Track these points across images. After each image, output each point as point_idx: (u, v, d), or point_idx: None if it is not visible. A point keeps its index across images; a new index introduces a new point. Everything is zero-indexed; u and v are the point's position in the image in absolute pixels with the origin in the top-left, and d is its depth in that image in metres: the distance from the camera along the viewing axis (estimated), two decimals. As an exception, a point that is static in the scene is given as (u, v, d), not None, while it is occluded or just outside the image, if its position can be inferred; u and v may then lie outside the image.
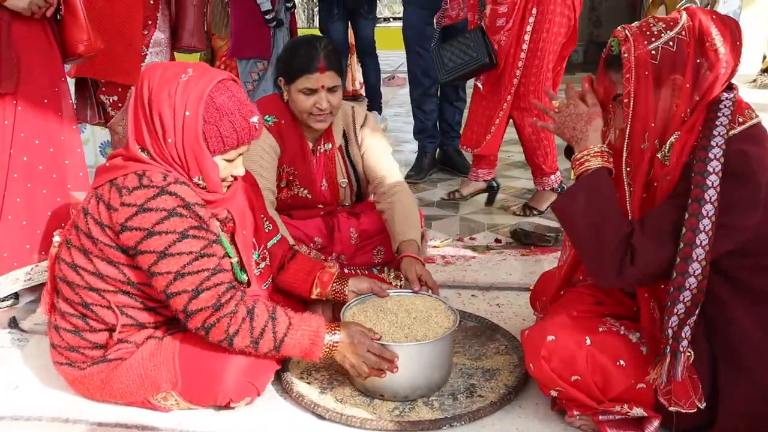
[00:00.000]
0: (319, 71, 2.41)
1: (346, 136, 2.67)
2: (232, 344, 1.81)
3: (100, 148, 4.69)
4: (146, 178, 1.78)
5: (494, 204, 3.97)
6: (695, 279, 1.60)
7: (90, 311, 1.86)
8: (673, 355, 1.62)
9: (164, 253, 1.75)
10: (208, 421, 1.92)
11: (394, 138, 6.00)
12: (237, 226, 2.01)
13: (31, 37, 2.48)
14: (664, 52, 1.66)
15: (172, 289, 1.77)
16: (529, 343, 1.82)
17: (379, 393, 1.96)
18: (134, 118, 1.84)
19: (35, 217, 2.56)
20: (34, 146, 2.52)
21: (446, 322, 2.04)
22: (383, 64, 6.71)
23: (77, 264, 1.85)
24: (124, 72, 2.89)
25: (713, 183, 1.59)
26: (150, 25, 2.95)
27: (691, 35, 1.65)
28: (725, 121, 1.64)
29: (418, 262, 2.34)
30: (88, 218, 1.82)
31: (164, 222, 1.75)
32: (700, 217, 1.59)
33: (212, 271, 1.79)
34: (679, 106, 1.68)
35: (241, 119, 1.83)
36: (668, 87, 1.68)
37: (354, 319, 2.05)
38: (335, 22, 5.90)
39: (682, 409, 1.64)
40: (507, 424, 1.89)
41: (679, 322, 1.62)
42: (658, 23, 1.67)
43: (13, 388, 2.11)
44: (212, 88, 1.80)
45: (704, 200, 1.59)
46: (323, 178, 2.62)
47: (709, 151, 1.61)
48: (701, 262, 1.59)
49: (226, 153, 1.86)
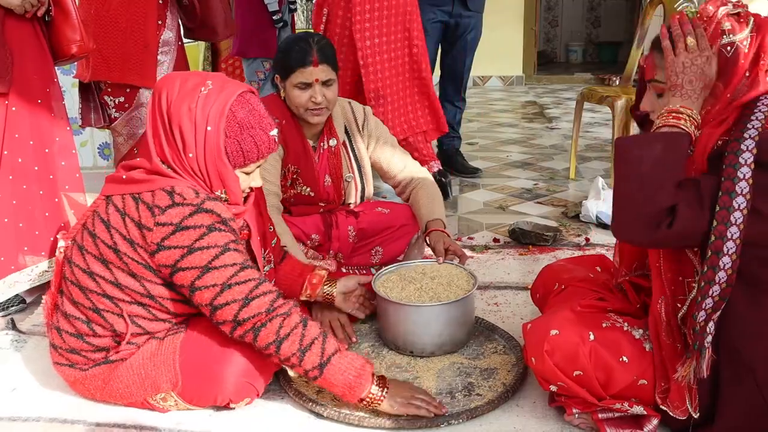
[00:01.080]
0: (313, 65, 2.43)
1: (348, 131, 2.69)
2: (279, 349, 1.77)
3: (99, 150, 4.69)
4: (178, 195, 1.77)
5: (491, 204, 3.98)
6: (725, 273, 1.57)
7: (99, 316, 1.86)
8: (699, 351, 1.60)
9: (208, 267, 1.75)
10: (207, 422, 1.92)
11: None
12: (252, 233, 2.02)
13: (23, 38, 2.47)
14: (720, 54, 1.61)
15: (220, 301, 1.76)
16: (531, 337, 1.81)
17: (408, 350, 2.19)
18: (153, 131, 1.83)
19: (32, 220, 2.55)
20: (28, 147, 2.51)
21: (467, 286, 2.26)
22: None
23: (94, 271, 1.83)
24: (139, 75, 2.86)
25: (745, 175, 1.54)
26: (160, 25, 2.92)
27: (751, 48, 1.60)
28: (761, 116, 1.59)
29: (446, 235, 2.48)
30: (113, 231, 1.80)
31: (204, 238, 1.74)
32: (731, 210, 1.54)
33: (258, 281, 1.79)
34: (714, 108, 1.64)
35: (262, 133, 1.84)
36: (707, 90, 1.64)
37: (383, 287, 2.27)
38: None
39: (672, 413, 1.64)
40: (505, 423, 1.89)
41: (706, 317, 1.59)
42: (726, 22, 1.60)
43: (11, 390, 2.11)
44: (233, 102, 1.80)
45: (735, 192, 1.54)
46: (326, 174, 2.62)
47: (741, 143, 1.56)
48: (732, 256, 1.55)
49: (246, 166, 1.87)
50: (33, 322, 2.55)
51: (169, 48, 2.96)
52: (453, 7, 4.24)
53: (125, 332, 1.87)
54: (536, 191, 4.23)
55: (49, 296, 1.98)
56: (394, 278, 2.35)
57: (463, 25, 4.33)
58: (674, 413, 1.65)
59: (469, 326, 2.27)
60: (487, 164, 4.92)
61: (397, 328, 2.21)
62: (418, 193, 2.67)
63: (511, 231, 3.38)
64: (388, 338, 2.27)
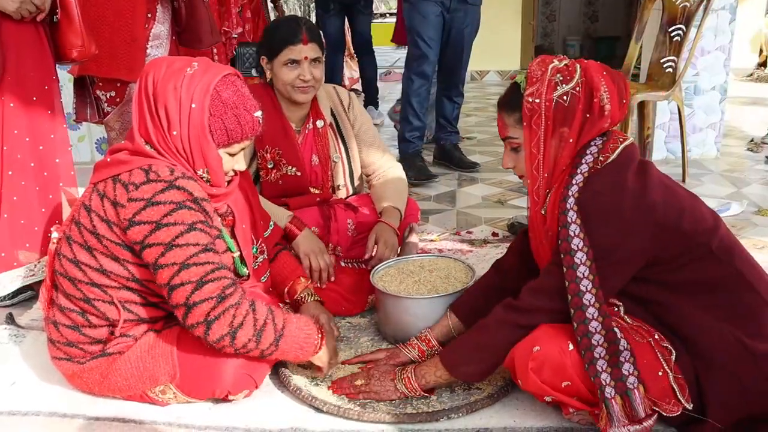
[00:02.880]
0: (302, 42, 2.47)
1: (335, 113, 2.72)
2: (234, 338, 1.76)
3: (96, 145, 4.69)
4: (153, 172, 1.77)
5: (488, 197, 3.98)
6: (597, 322, 1.67)
7: (91, 306, 1.86)
8: (624, 395, 1.64)
9: (171, 244, 1.75)
10: (205, 414, 1.92)
11: (392, 133, 5.98)
12: (237, 220, 2.02)
13: (22, 35, 2.45)
14: (558, 106, 1.73)
15: (176, 281, 1.75)
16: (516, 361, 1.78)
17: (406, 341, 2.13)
18: (139, 111, 1.84)
19: (32, 215, 2.55)
20: (24, 143, 2.50)
21: (464, 278, 2.29)
22: (379, 60, 6.70)
23: (80, 260, 1.84)
24: (127, 69, 2.84)
25: (575, 232, 1.68)
26: (150, 18, 2.89)
27: (583, 91, 1.73)
28: (585, 168, 1.74)
29: (388, 229, 2.54)
30: (92, 215, 1.81)
31: (172, 214, 1.75)
32: (575, 266, 1.68)
33: (216, 265, 1.79)
34: (563, 157, 1.77)
35: (246, 113, 1.84)
36: (557, 138, 1.76)
37: (381, 281, 2.30)
38: (331, 17, 5.89)
39: (664, 413, 1.66)
40: (504, 416, 1.89)
41: (609, 362, 1.65)
42: (557, 74, 1.74)
43: (10, 384, 2.11)
44: (218, 81, 1.81)
45: (573, 250, 1.68)
46: (312, 155, 2.64)
47: (566, 201, 1.71)
48: (595, 305, 1.67)
49: (230, 146, 1.87)
50: (31, 316, 2.55)
51: (160, 42, 2.93)
52: (451, 1, 4.24)
53: (118, 319, 1.87)
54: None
55: (45, 290, 1.98)
56: (392, 272, 2.35)
57: (460, 19, 4.32)
58: (668, 411, 1.66)
59: (467, 320, 2.27)
60: (486, 159, 4.92)
61: (395, 321, 2.22)
62: (382, 182, 2.74)
63: (509, 225, 3.39)
64: (386, 331, 2.27)
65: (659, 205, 1.69)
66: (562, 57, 1.79)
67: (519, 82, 1.80)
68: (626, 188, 1.69)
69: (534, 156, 1.78)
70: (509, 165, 1.90)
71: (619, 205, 1.67)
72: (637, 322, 1.77)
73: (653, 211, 1.68)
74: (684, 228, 1.70)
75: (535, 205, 1.85)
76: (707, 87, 4.73)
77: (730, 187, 4.07)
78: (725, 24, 4.62)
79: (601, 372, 1.65)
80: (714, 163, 4.58)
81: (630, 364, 1.65)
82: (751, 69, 9.19)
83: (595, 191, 1.70)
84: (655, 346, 1.70)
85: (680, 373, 1.68)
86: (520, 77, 1.80)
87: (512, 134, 1.83)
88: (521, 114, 1.77)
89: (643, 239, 1.67)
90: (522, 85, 1.78)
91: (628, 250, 1.68)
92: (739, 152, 5.01)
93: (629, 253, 1.69)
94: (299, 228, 2.45)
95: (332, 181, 2.71)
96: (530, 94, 1.74)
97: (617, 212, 1.67)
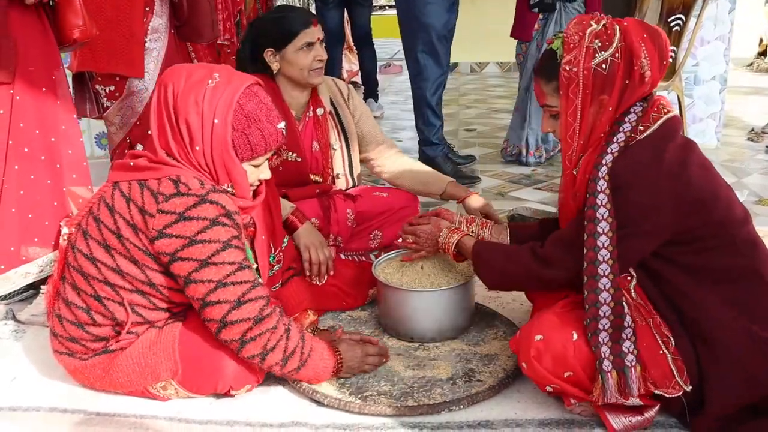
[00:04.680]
0: (313, 25, 2.52)
1: (334, 103, 2.74)
2: (264, 359, 1.81)
3: (96, 139, 4.68)
4: (182, 184, 1.75)
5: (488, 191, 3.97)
6: (608, 293, 1.67)
7: (100, 304, 1.85)
8: (620, 372, 1.64)
9: (207, 261, 1.74)
10: (207, 410, 1.92)
11: (392, 126, 5.99)
12: (257, 231, 2.01)
13: (27, 24, 2.43)
14: (597, 74, 1.69)
15: (212, 298, 1.75)
16: (519, 345, 1.82)
17: (409, 336, 2.20)
18: (159, 124, 1.81)
19: (41, 210, 2.52)
20: (34, 136, 2.48)
21: (467, 271, 2.26)
22: (378, 52, 6.69)
23: (96, 257, 1.83)
24: (126, 64, 2.82)
25: (602, 201, 1.67)
26: (147, 11, 2.86)
27: (623, 57, 1.69)
28: (622, 137, 1.71)
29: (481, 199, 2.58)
30: (116, 216, 1.79)
31: (206, 231, 1.73)
32: (597, 235, 1.67)
33: (253, 283, 1.79)
34: (601, 123, 1.73)
35: (269, 126, 1.82)
36: (596, 105, 1.72)
37: (383, 272, 2.29)
38: (331, 9, 5.87)
39: (665, 394, 1.65)
40: (506, 408, 1.89)
41: (611, 336, 1.66)
42: (595, 40, 1.69)
43: (10, 380, 2.11)
44: (240, 94, 1.78)
45: (597, 219, 1.67)
46: (313, 141, 2.65)
47: (598, 170, 1.69)
48: (609, 277, 1.67)
49: (254, 160, 1.85)
50: (32, 312, 2.53)
51: (158, 35, 2.91)
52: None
53: (126, 321, 1.86)
54: (535, 177, 4.22)
55: (51, 283, 1.97)
56: (394, 264, 2.35)
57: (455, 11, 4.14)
58: (669, 393, 1.66)
59: (469, 312, 2.27)
60: (486, 150, 4.92)
61: (397, 313, 2.21)
62: (413, 165, 2.76)
63: (510, 217, 3.37)
64: (388, 324, 2.27)
65: (695, 183, 1.67)
66: (600, 17, 1.73)
67: (555, 49, 1.74)
68: (664, 160, 1.66)
69: (570, 124, 1.75)
70: (548, 129, 1.87)
71: (655, 176, 1.65)
72: (642, 299, 1.76)
73: (688, 188, 1.66)
74: (714, 213, 1.69)
75: (566, 169, 1.83)
76: (707, 77, 4.72)
77: (730, 177, 4.07)
78: (725, 13, 4.60)
79: (602, 344, 1.66)
80: (714, 153, 4.58)
81: (631, 342, 1.66)
82: (750, 59, 9.17)
83: (632, 161, 1.67)
84: (654, 329, 1.70)
85: (679, 355, 1.67)
86: (556, 43, 1.74)
87: (550, 102, 1.80)
88: (558, 82, 1.73)
89: (672, 214, 1.65)
90: (558, 52, 1.73)
91: (655, 223, 1.66)
92: (739, 142, 5.00)
93: (656, 226, 1.67)
94: (300, 220, 2.45)
95: (332, 170, 2.71)
96: (568, 62, 1.70)
97: (653, 183, 1.64)
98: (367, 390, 1.94)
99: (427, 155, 4.16)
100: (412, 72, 4.13)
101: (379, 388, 1.95)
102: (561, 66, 1.71)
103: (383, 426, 1.83)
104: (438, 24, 3.97)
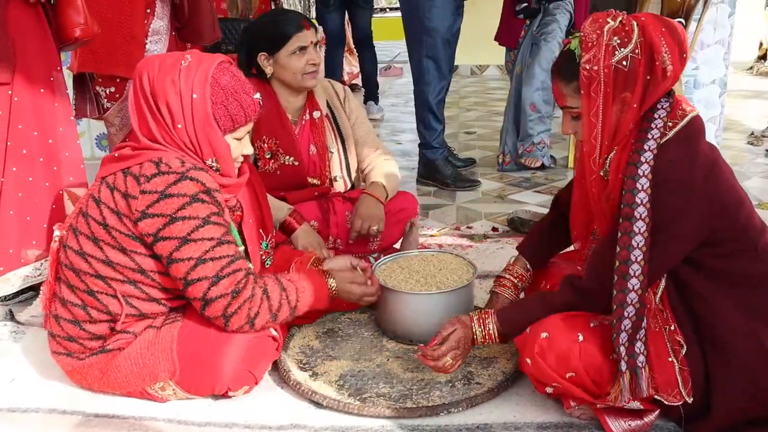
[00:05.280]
0: (306, 28, 2.52)
1: (331, 106, 2.74)
2: (253, 325, 1.85)
3: (96, 141, 4.68)
4: (164, 164, 1.78)
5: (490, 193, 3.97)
6: (635, 294, 1.65)
7: (94, 299, 1.86)
8: (633, 372, 1.64)
9: (186, 238, 1.76)
10: (205, 411, 1.92)
11: (392, 128, 5.99)
12: (244, 215, 2.02)
13: (26, 23, 2.42)
14: (618, 71, 1.66)
15: (193, 276, 1.78)
16: (523, 341, 1.81)
17: (408, 338, 2.20)
18: (138, 112, 1.84)
19: (40, 212, 2.52)
20: (33, 138, 2.47)
21: (466, 275, 2.29)
22: (378, 55, 6.69)
23: (86, 251, 1.84)
24: (126, 66, 2.80)
25: (642, 200, 1.63)
26: (149, 13, 2.86)
27: (643, 53, 1.65)
28: (656, 134, 1.67)
29: (369, 199, 2.56)
30: (102, 207, 1.81)
31: (186, 208, 1.76)
32: (632, 234, 1.64)
33: (231, 257, 1.81)
34: (626, 121, 1.70)
35: (246, 96, 1.86)
36: (618, 103, 1.69)
37: (384, 276, 2.29)
38: (332, 12, 5.87)
39: (665, 401, 1.65)
40: (504, 411, 1.89)
41: (629, 337, 1.65)
42: (614, 38, 1.66)
43: (9, 381, 2.10)
44: (214, 69, 1.82)
45: (635, 218, 1.63)
46: (310, 144, 2.66)
47: (639, 167, 1.64)
48: (638, 277, 1.64)
49: (236, 131, 1.88)
50: (31, 313, 2.54)
51: (159, 37, 2.90)
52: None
53: (120, 313, 1.87)
54: (535, 180, 4.22)
55: (47, 285, 1.98)
56: (393, 267, 2.35)
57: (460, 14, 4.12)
58: (669, 401, 1.66)
59: (468, 315, 2.27)
60: (486, 153, 4.92)
61: (396, 316, 2.21)
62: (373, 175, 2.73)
63: (509, 220, 3.38)
64: (387, 327, 2.27)
65: (724, 185, 1.67)
66: (616, 13, 1.70)
67: (573, 49, 1.71)
68: (698, 161, 1.64)
69: (593, 125, 1.70)
70: (569, 131, 1.83)
71: (691, 177, 1.62)
72: (663, 304, 1.75)
73: (719, 189, 1.65)
74: (740, 217, 1.69)
75: (590, 174, 1.78)
76: (707, 80, 4.71)
77: (730, 180, 4.06)
78: (724, 17, 4.60)
79: (621, 344, 1.65)
80: (714, 157, 4.57)
81: (642, 342, 1.65)
82: (750, 62, 9.17)
83: (669, 160, 1.64)
84: (668, 336, 1.70)
85: (686, 365, 1.67)
86: (574, 43, 1.71)
87: (570, 104, 1.76)
88: (578, 83, 1.69)
89: (704, 215, 1.64)
90: (577, 52, 1.70)
91: (689, 225, 1.64)
92: (739, 146, 5.00)
93: (689, 228, 1.64)
94: (298, 222, 2.45)
95: (330, 173, 2.71)
96: (587, 61, 1.66)
97: (689, 183, 1.62)
98: (366, 392, 1.94)
99: (428, 158, 4.16)
100: (415, 75, 4.10)
101: (378, 390, 1.95)
102: (581, 65, 1.67)
103: (382, 428, 1.83)
104: (442, 28, 3.92)
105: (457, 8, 4.00)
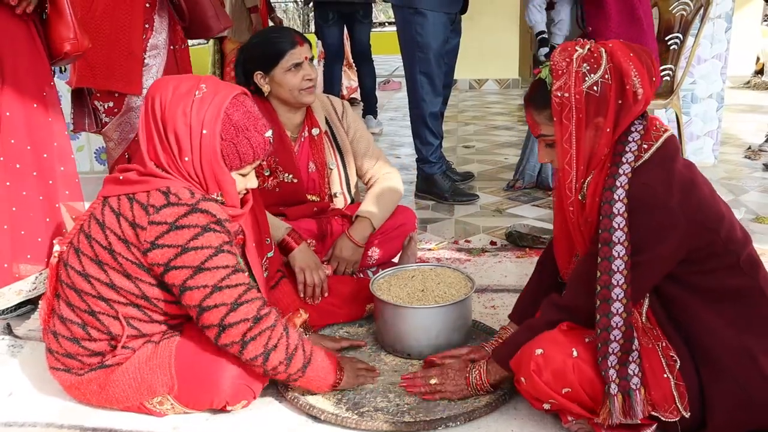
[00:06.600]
0: (299, 45, 2.51)
1: (329, 122, 2.73)
2: (267, 359, 1.80)
3: (96, 155, 4.69)
4: (173, 195, 1.76)
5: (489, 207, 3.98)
6: (620, 317, 1.66)
7: (95, 319, 1.85)
8: (626, 394, 1.65)
9: (200, 267, 1.75)
10: (203, 425, 1.92)
11: (390, 142, 6.00)
12: (247, 239, 2.01)
13: (17, 39, 2.41)
14: (589, 97, 1.68)
15: (209, 303, 1.76)
16: (518, 359, 1.81)
17: (406, 352, 2.21)
18: (147, 136, 1.82)
19: (34, 226, 2.51)
20: (26, 152, 2.46)
21: (463, 288, 2.30)
22: (377, 69, 6.72)
23: (89, 273, 1.83)
24: (124, 81, 2.82)
25: (619, 224, 1.65)
26: (147, 28, 2.86)
27: (613, 78, 1.68)
28: (630, 157, 1.70)
29: (346, 244, 2.55)
30: (107, 232, 1.80)
31: (198, 238, 1.74)
32: (612, 259, 1.66)
33: (247, 285, 1.80)
34: (601, 146, 1.72)
35: (257, 135, 1.84)
36: (592, 129, 1.71)
37: (381, 289, 2.31)
38: (331, 26, 5.90)
39: (662, 417, 1.66)
40: (502, 425, 1.88)
41: (619, 360, 1.66)
42: (583, 64, 1.68)
43: (7, 395, 2.10)
44: (228, 104, 1.80)
45: (613, 242, 1.65)
46: (309, 161, 2.65)
47: (614, 192, 1.67)
48: (622, 301, 1.65)
49: (243, 168, 1.87)
50: (29, 327, 2.54)
51: (157, 52, 2.91)
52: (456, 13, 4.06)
53: (121, 334, 1.86)
54: (533, 194, 4.23)
55: (45, 301, 1.97)
56: (392, 280, 2.36)
57: (456, 31, 4.15)
58: (666, 417, 1.66)
59: (466, 329, 2.27)
60: (484, 167, 4.93)
61: (394, 330, 2.21)
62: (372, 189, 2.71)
63: (508, 234, 3.39)
64: (385, 341, 2.27)
65: (704, 202, 1.68)
66: (584, 42, 1.72)
67: (544, 78, 1.74)
68: (674, 181, 1.66)
69: (566, 151, 1.72)
70: (546, 160, 1.85)
71: (667, 197, 1.64)
72: (652, 323, 1.76)
73: (699, 208, 1.66)
74: (720, 232, 1.69)
75: (566, 199, 1.80)
76: (704, 95, 4.74)
77: (727, 194, 4.08)
78: (721, 32, 4.63)
79: (610, 368, 1.65)
80: (711, 171, 4.58)
81: (636, 365, 1.66)
82: (747, 77, 9.21)
83: (644, 183, 1.66)
84: (661, 352, 1.70)
85: (682, 380, 1.67)
86: (544, 72, 1.73)
87: (544, 131, 1.78)
88: (551, 110, 1.71)
89: (684, 235, 1.65)
90: (548, 80, 1.72)
91: (668, 245, 1.65)
92: (736, 160, 5.01)
93: (668, 248, 1.65)
94: (297, 242, 2.44)
95: (329, 189, 2.71)
96: (558, 89, 1.68)
97: (665, 205, 1.64)
98: (364, 406, 1.94)
99: (426, 173, 4.17)
100: (410, 91, 4.10)
101: (375, 404, 1.95)
102: (552, 93, 1.70)
103: (380, 442, 1.83)
104: (435, 44, 3.93)
105: (452, 24, 4.01)
